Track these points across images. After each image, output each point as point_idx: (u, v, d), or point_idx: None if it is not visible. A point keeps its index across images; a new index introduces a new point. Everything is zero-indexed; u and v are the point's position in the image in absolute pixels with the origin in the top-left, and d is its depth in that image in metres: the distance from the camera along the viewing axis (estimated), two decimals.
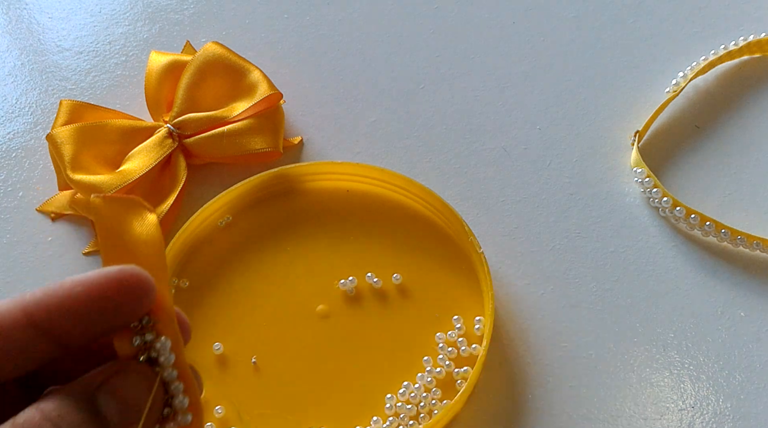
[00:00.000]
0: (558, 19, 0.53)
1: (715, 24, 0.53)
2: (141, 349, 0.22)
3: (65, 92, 0.51)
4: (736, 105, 0.50)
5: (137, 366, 0.22)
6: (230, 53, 0.48)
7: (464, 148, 0.48)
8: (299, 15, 0.54)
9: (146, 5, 0.55)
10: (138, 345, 0.22)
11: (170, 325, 0.23)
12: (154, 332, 0.22)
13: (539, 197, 0.46)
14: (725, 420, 0.39)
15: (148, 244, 0.23)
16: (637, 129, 0.47)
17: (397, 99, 0.50)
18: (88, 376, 0.22)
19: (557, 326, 0.42)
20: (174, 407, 0.23)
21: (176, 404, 0.23)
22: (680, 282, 0.43)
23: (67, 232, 0.46)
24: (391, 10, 0.54)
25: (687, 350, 0.41)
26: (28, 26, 0.54)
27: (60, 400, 0.21)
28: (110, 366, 0.22)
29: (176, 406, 0.23)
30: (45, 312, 0.21)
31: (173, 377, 0.23)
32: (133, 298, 0.21)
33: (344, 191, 0.46)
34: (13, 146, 0.49)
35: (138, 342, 0.22)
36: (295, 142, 0.48)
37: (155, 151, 0.45)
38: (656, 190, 0.45)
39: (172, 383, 0.23)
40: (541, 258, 0.44)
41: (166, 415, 0.23)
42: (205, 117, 0.46)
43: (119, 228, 0.23)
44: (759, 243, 0.43)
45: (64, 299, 0.21)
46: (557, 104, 0.50)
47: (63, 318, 0.21)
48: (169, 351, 0.22)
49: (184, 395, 0.23)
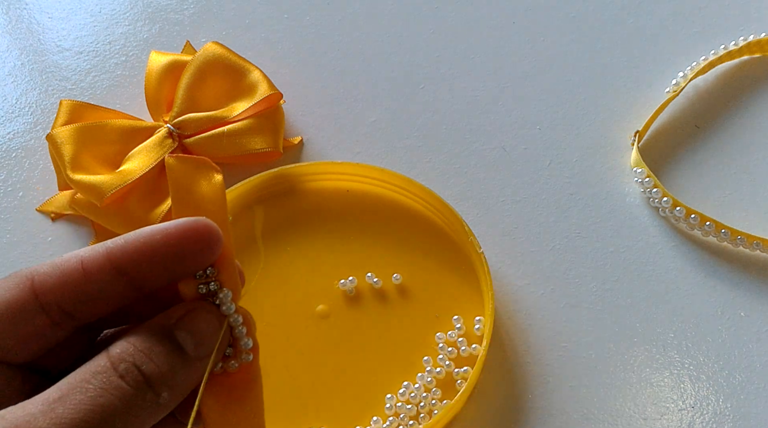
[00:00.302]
0: (558, 19, 0.53)
1: (715, 24, 0.53)
2: (205, 296, 0.24)
3: (65, 92, 0.51)
4: (736, 105, 0.50)
5: (209, 306, 0.24)
6: (230, 53, 0.48)
7: (464, 148, 0.48)
8: (299, 15, 0.54)
9: (146, 5, 0.55)
10: (204, 293, 0.24)
11: (232, 277, 0.25)
12: (218, 282, 0.24)
13: (539, 197, 0.46)
14: (725, 420, 0.39)
15: (213, 201, 0.25)
16: (637, 129, 0.47)
17: (397, 99, 0.50)
18: (165, 314, 0.24)
19: (557, 326, 0.42)
20: (238, 347, 0.25)
21: (240, 345, 0.25)
22: (680, 282, 0.43)
23: (67, 232, 0.46)
24: (391, 11, 0.54)
25: (687, 350, 0.41)
26: (28, 26, 0.54)
27: (146, 334, 0.23)
28: (184, 306, 0.24)
29: (240, 347, 0.25)
30: (128, 256, 0.23)
31: (238, 321, 0.25)
32: (205, 246, 0.23)
33: (344, 191, 0.46)
34: (13, 146, 0.49)
35: (204, 291, 0.24)
36: (295, 142, 0.48)
37: (155, 151, 0.45)
38: (656, 190, 0.45)
39: (236, 327, 0.25)
40: (541, 258, 0.44)
41: (229, 354, 0.25)
42: (205, 117, 0.46)
43: (189, 186, 0.25)
44: (759, 243, 0.43)
45: (144, 245, 0.23)
46: (557, 104, 0.50)
47: (144, 262, 0.23)
48: (230, 300, 0.24)
49: (247, 337, 0.25)
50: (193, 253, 0.23)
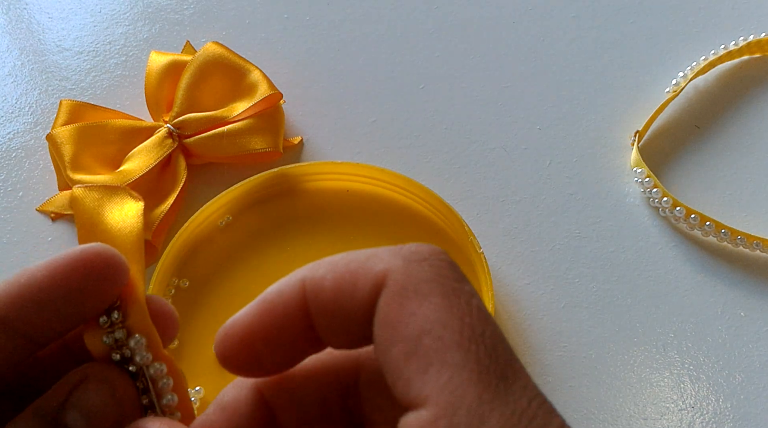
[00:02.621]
0: (558, 19, 0.53)
1: (715, 24, 0.53)
2: (113, 347, 0.20)
3: (65, 92, 0.51)
4: (736, 105, 0.50)
5: (100, 372, 0.20)
6: (230, 53, 0.48)
7: (464, 148, 0.48)
8: (299, 15, 0.54)
9: (146, 5, 0.55)
10: (109, 344, 0.20)
11: (144, 320, 0.21)
12: (124, 329, 0.20)
13: (539, 197, 0.46)
14: (725, 420, 0.39)
15: (124, 233, 0.21)
16: (637, 129, 0.47)
17: (397, 99, 0.50)
18: (52, 392, 0.20)
19: (557, 326, 0.42)
20: (160, 405, 0.21)
21: (162, 402, 0.21)
22: (680, 282, 0.43)
23: (67, 232, 0.46)
24: (391, 10, 0.54)
25: (687, 350, 0.41)
26: (28, 26, 0.54)
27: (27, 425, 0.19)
28: (73, 375, 0.20)
29: (162, 405, 0.21)
30: (9, 306, 0.19)
31: (161, 372, 0.21)
32: (101, 279, 0.19)
33: (344, 191, 0.46)
34: (13, 146, 0.49)
35: (108, 341, 0.20)
36: (295, 142, 0.48)
37: (155, 151, 0.45)
38: (656, 190, 0.45)
39: (158, 380, 0.21)
40: (541, 258, 0.44)
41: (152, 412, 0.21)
42: (205, 117, 0.46)
43: (96, 217, 0.21)
44: (759, 243, 0.43)
45: (24, 288, 0.19)
46: (557, 104, 0.50)
47: (27, 309, 0.19)
48: (146, 349, 0.20)
49: (172, 392, 0.21)
50: (87, 289, 0.19)
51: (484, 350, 0.16)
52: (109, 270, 0.19)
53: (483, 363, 0.16)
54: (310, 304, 0.19)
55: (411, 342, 0.16)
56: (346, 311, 0.18)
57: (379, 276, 0.18)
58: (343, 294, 0.18)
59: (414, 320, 0.17)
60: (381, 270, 0.18)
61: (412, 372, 0.16)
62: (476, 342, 0.16)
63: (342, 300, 0.18)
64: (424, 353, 0.16)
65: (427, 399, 0.16)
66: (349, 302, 0.18)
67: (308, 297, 0.19)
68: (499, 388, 0.16)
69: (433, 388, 0.16)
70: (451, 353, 0.16)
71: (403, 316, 0.17)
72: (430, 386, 0.16)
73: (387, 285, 0.17)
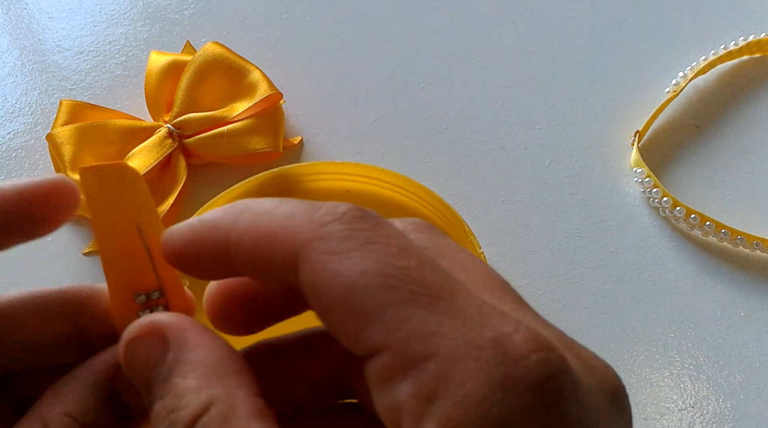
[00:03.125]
0: (558, 19, 0.53)
1: (715, 24, 0.53)
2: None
3: (65, 92, 0.51)
4: (736, 105, 0.50)
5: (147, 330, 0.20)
6: (230, 53, 0.48)
7: (464, 148, 0.48)
8: (299, 15, 0.54)
9: (146, 5, 0.55)
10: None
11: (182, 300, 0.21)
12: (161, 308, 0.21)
13: (539, 197, 0.46)
14: (725, 420, 0.39)
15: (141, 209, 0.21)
16: (637, 129, 0.47)
17: (397, 99, 0.50)
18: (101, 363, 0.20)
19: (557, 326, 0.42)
20: None
21: None
22: (680, 282, 0.43)
23: (67, 232, 0.46)
24: (391, 10, 0.54)
25: (687, 350, 0.41)
26: (28, 26, 0.54)
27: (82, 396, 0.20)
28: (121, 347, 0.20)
29: None
30: None
31: None
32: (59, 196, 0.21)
33: (344, 191, 0.46)
34: (13, 146, 0.49)
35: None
36: (295, 142, 0.48)
37: (155, 151, 0.45)
38: (656, 190, 0.45)
39: None
40: (541, 258, 0.44)
41: None
42: (204, 117, 0.46)
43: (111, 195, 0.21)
44: (759, 243, 0.43)
45: None
46: (557, 104, 0.50)
47: None
48: None
49: None
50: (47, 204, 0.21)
51: (414, 282, 0.17)
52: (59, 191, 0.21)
53: (416, 293, 0.16)
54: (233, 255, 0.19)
55: (342, 302, 0.17)
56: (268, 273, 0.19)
57: (295, 249, 0.18)
58: (262, 258, 0.18)
59: (338, 281, 0.17)
60: (297, 243, 0.18)
61: (353, 328, 0.17)
62: (402, 278, 0.17)
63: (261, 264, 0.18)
64: (358, 308, 0.16)
65: (376, 347, 0.16)
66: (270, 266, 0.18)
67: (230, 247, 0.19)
68: (440, 306, 0.16)
69: (378, 335, 0.16)
70: (381, 297, 0.16)
71: (326, 281, 0.17)
72: (374, 335, 0.16)
73: (305, 258, 0.17)
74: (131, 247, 0.21)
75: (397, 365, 0.16)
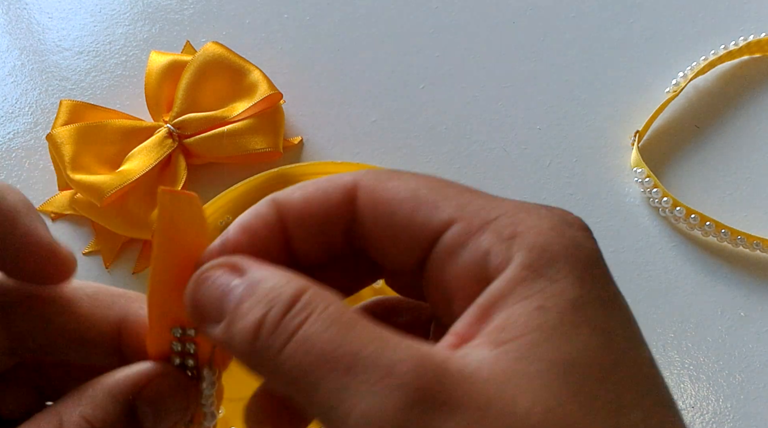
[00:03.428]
0: (558, 20, 0.53)
1: (715, 24, 0.53)
2: (179, 353, 0.21)
3: (65, 92, 0.51)
4: (736, 105, 0.50)
5: (175, 374, 0.21)
6: (230, 53, 0.48)
7: (464, 148, 0.48)
8: (299, 15, 0.54)
9: (146, 5, 0.55)
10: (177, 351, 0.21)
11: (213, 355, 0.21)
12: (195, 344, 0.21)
13: (539, 197, 0.46)
14: (725, 420, 0.39)
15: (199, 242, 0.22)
16: (637, 129, 0.47)
17: (397, 99, 0.50)
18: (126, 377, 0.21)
19: None
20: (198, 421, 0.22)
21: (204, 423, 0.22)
22: (680, 282, 0.43)
23: (67, 232, 0.46)
24: (391, 10, 0.54)
25: (687, 350, 0.41)
26: (28, 26, 0.54)
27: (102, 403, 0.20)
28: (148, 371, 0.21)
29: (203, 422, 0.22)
30: None
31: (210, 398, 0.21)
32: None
33: None
34: (13, 146, 0.49)
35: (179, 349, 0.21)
36: (295, 142, 0.48)
37: (155, 151, 0.45)
38: (656, 190, 0.45)
39: (206, 404, 0.21)
40: None
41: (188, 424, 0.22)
42: (204, 117, 0.46)
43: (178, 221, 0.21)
44: (759, 243, 0.43)
45: None
46: (557, 104, 0.50)
47: None
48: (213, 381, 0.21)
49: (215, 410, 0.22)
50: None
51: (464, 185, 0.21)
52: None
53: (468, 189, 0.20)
54: (285, 216, 0.21)
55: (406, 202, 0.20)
56: (320, 217, 0.20)
57: (349, 183, 0.20)
58: (316, 201, 0.20)
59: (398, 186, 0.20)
60: (350, 180, 0.20)
61: (424, 214, 0.19)
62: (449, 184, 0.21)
63: (314, 208, 0.20)
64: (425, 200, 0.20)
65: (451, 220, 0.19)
66: (323, 207, 0.20)
67: (281, 211, 0.21)
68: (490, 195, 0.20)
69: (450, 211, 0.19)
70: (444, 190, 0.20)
71: (387, 192, 0.20)
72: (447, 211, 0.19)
73: (360, 187, 0.20)
74: (182, 279, 0.20)
75: (475, 227, 0.19)
